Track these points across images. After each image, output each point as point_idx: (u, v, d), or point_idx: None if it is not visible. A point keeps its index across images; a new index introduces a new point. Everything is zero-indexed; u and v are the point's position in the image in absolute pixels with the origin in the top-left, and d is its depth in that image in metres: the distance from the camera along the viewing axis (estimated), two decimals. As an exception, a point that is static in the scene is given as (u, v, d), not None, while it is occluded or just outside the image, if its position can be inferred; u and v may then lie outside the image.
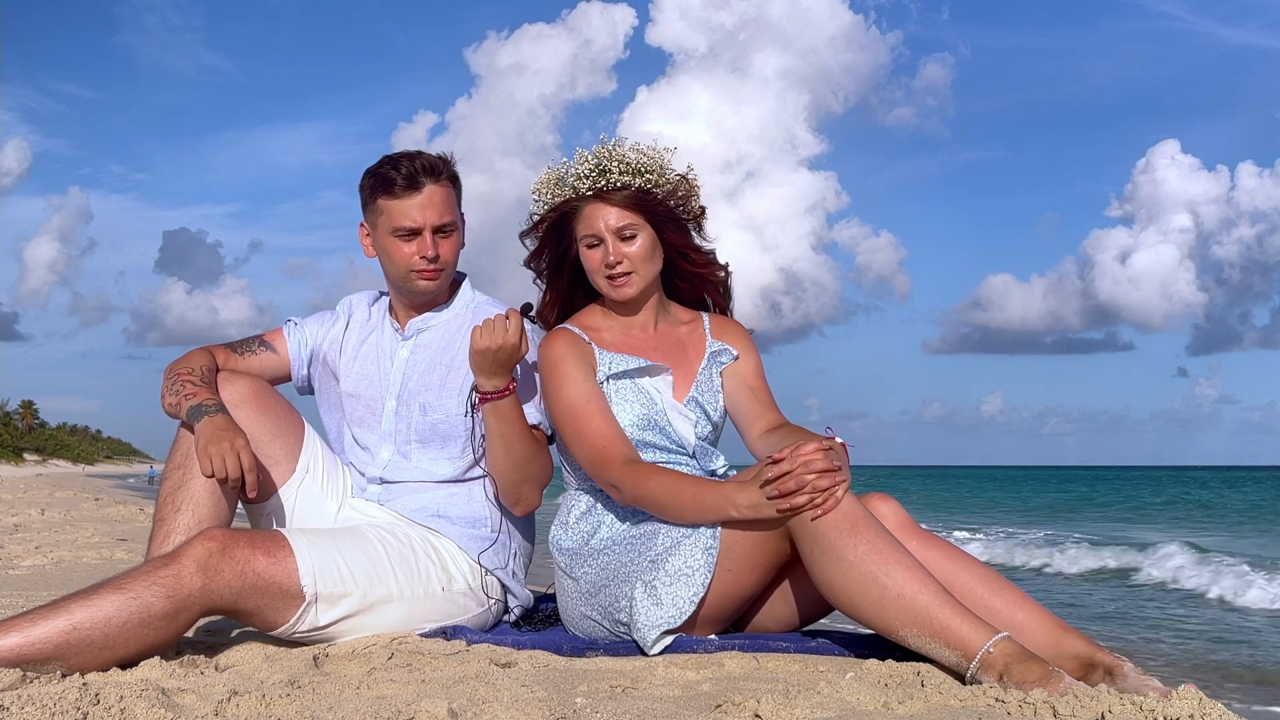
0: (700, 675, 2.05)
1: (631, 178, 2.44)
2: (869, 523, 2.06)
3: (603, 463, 2.33)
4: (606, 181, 2.44)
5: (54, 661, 1.95)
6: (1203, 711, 1.65)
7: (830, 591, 2.08)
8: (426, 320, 2.64)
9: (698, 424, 2.49)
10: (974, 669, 1.91)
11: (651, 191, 2.46)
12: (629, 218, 2.44)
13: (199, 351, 2.57)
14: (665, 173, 2.49)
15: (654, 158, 2.48)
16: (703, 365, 2.55)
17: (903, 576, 1.99)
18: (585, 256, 2.49)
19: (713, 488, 2.22)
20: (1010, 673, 1.86)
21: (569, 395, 2.39)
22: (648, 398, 2.46)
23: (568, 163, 2.50)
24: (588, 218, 2.46)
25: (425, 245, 2.50)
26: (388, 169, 2.51)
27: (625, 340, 2.53)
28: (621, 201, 2.44)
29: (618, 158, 2.45)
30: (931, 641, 1.96)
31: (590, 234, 2.46)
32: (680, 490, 2.24)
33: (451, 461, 2.55)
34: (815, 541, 2.06)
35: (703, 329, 2.62)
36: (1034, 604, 2.13)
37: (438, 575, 2.42)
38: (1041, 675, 1.83)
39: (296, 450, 2.53)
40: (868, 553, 2.02)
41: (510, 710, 1.69)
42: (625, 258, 2.44)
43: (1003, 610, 2.07)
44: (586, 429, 2.36)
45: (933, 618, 1.96)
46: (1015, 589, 2.16)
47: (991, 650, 1.90)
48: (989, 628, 1.94)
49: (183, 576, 2.08)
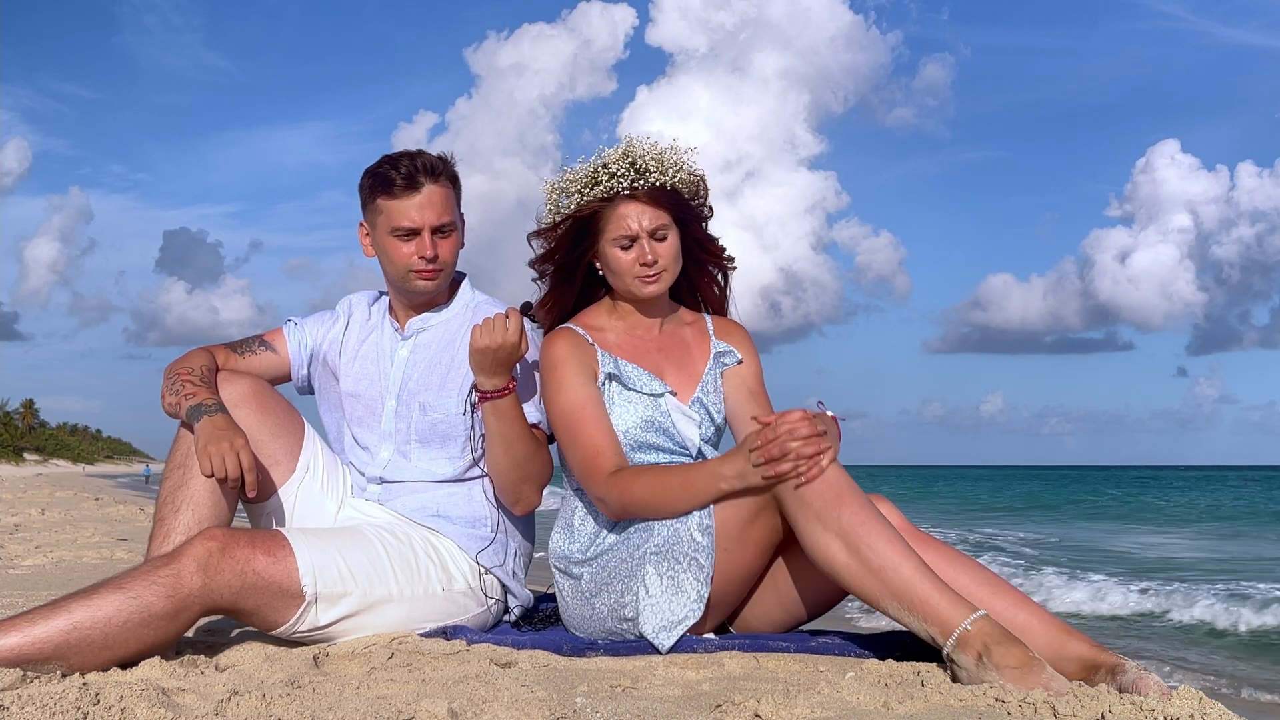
0: (700, 675, 2.05)
1: (665, 176, 2.44)
2: (855, 493, 2.08)
3: (590, 474, 2.34)
4: (643, 181, 2.42)
5: (54, 661, 1.95)
6: (1203, 711, 1.65)
7: (814, 558, 2.11)
8: (426, 320, 2.64)
9: (701, 425, 2.49)
10: (951, 645, 1.93)
11: (680, 190, 2.46)
12: (662, 217, 2.43)
13: (199, 351, 2.57)
14: (692, 171, 2.49)
15: (679, 158, 2.47)
16: (708, 366, 2.55)
17: (885, 549, 2.02)
18: (614, 257, 2.45)
19: (696, 469, 2.24)
20: (990, 653, 1.88)
21: (565, 400, 2.39)
22: (650, 400, 2.45)
23: (591, 160, 2.46)
24: (620, 217, 2.42)
25: (424, 245, 2.50)
26: (387, 169, 2.50)
27: (629, 341, 2.52)
28: (654, 200, 2.42)
29: (652, 155, 2.44)
30: (910, 615, 1.99)
31: (624, 233, 2.42)
32: (665, 483, 2.25)
33: (451, 461, 2.55)
34: (801, 509, 2.09)
35: (706, 329, 2.61)
36: (1035, 606, 2.13)
37: (438, 575, 2.42)
38: (1022, 660, 1.85)
39: (296, 450, 2.54)
40: (851, 522, 2.05)
41: (510, 710, 1.69)
42: (659, 256, 2.43)
43: (1004, 612, 2.07)
44: (578, 437, 2.37)
45: (913, 591, 1.99)
46: (1016, 591, 2.16)
47: (969, 628, 1.92)
48: (968, 605, 1.96)
49: (183, 576, 2.08)
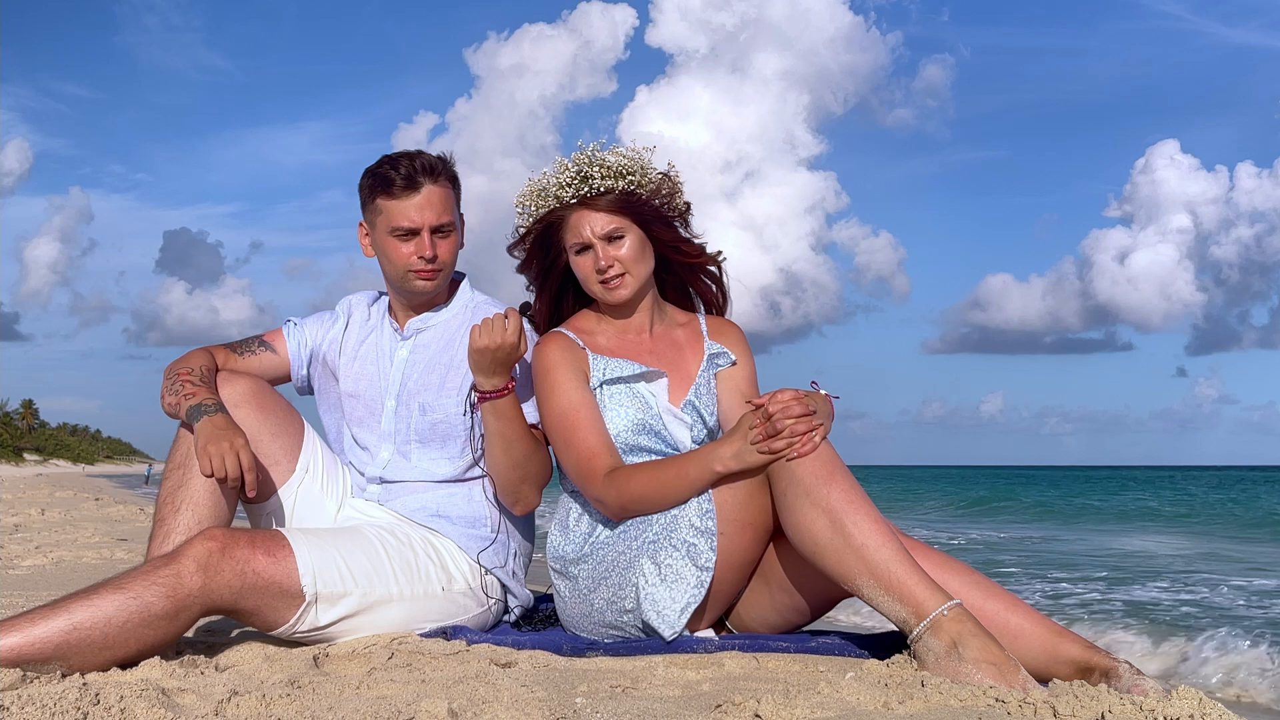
0: (700, 675, 2.05)
1: (614, 181, 2.45)
2: (844, 472, 2.12)
3: (587, 477, 2.35)
4: (589, 188, 2.44)
5: (54, 661, 1.95)
6: (1203, 711, 1.66)
7: (796, 535, 2.13)
8: (425, 320, 2.64)
9: (693, 428, 2.49)
10: (922, 628, 1.95)
11: (635, 193, 2.46)
12: (615, 221, 2.44)
13: (199, 352, 2.57)
14: (647, 172, 2.49)
15: (634, 159, 2.48)
16: (701, 368, 2.55)
17: (869, 528, 2.05)
18: (576, 264, 2.49)
19: (690, 457, 2.26)
20: (965, 645, 1.90)
21: (558, 404, 2.40)
22: (643, 402, 2.46)
23: (548, 173, 2.50)
24: (574, 225, 2.46)
25: (423, 245, 2.50)
26: (386, 169, 2.51)
27: (620, 344, 2.52)
28: (605, 206, 2.44)
29: (598, 163, 2.46)
30: (885, 595, 2.01)
31: (578, 241, 2.46)
32: (661, 476, 2.26)
33: (451, 461, 2.55)
34: (790, 484, 2.12)
35: (700, 330, 2.61)
36: (1028, 609, 2.14)
37: (438, 575, 2.42)
38: (998, 658, 1.89)
39: (296, 450, 2.54)
40: (839, 500, 2.08)
41: (510, 710, 1.70)
42: (616, 260, 2.45)
43: (996, 615, 2.08)
44: (573, 440, 2.38)
45: (891, 572, 2.01)
46: (1009, 594, 2.16)
47: (945, 613, 1.94)
48: (944, 593, 1.98)
49: (183, 576, 2.08)
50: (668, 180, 2.52)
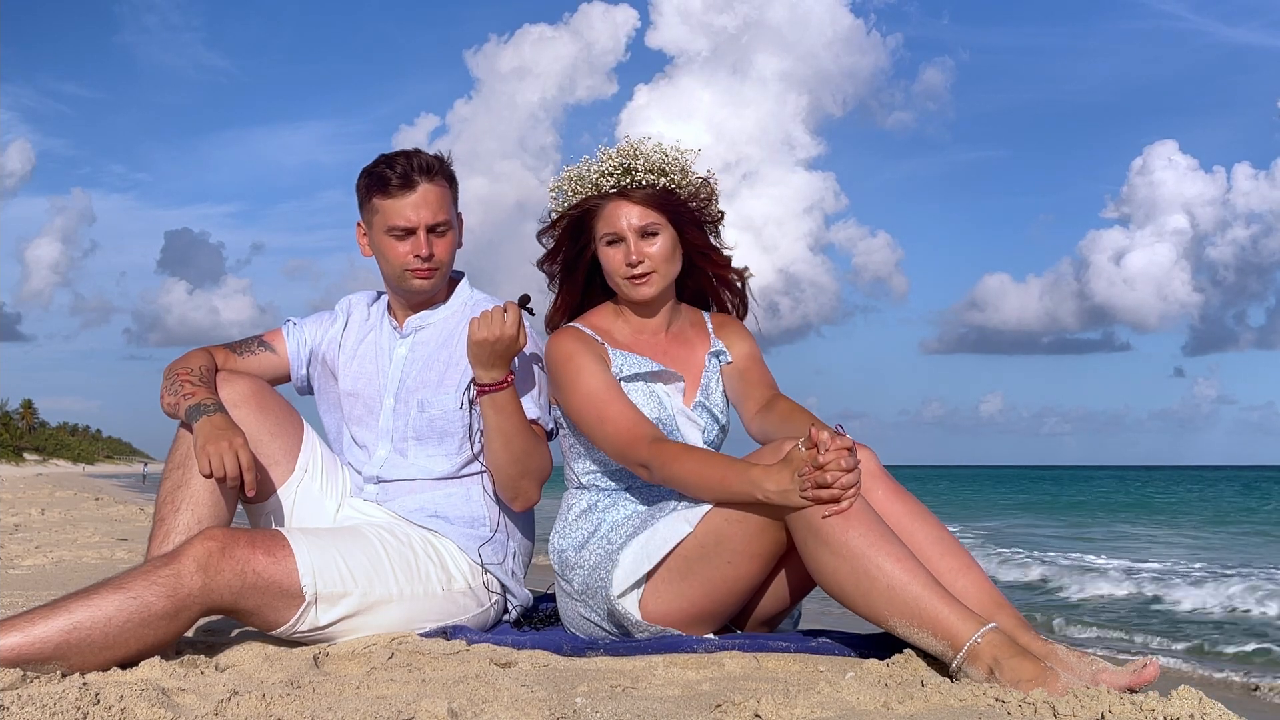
0: (700, 675, 2.05)
1: (656, 177, 2.43)
2: (865, 512, 2.07)
3: (630, 443, 2.31)
4: (631, 180, 2.42)
5: (54, 661, 1.95)
6: (1203, 711, 1.65)
7: (822, 579, 2.11)
8: (424, 318, 2.64)
9: (706, 429, 2.49)
10: (960, 659, 1.93)
11: (674, 192, 2.45)
12: (651, 216, 2.42)
13: (198, 352, 2.57)
14: (688, 174, 2.48)
15: (677, 158, 2.47)
16: (706, 368, 2.55)
17: (893, 567, 2.01)
18: (605, 255, 2.46)
19: (738, 473, 2.17)
20: (1001, 668, 1.87)
21: (587, 385, 2.37)
22: (658, 402, 2.45)
23: (590, 160, 2.48)
24: (609, 215, 2.43)
25: (419, 244, 2.50)
26: (383, 168, 2.50)
27: (636, 343, 2.51)
28: (644, 200, 2.42)
29: (643, 156, 2.44)
30: (920, 631, 1.99)
31: (611, 232, 2.43)
32: (707, 473, 2.20)
33: (448, 458, 2.55)
34: (810, 528, 2.08)
35: (706, 329, 2.61)
36: (979, 573, 2.15)
37: (437, 575, 2.42)
38: (1036, 673, 1.85)
39: (295, 450, 2.54)
40: (861, 543, 2.03)
41: (510, 710, 1.70)
42: (646, 257, 2.42)
43: (945, 574, 2.10)
44: (609, 414, 2.34)
45: (922, 608, 1.98)
46: (966, 555, 2.18)
47: (979, 641, 1.92)
48: (977, 618, 1.96)
49: (183, 576, 2.08)
50: (706, 185, 2.51)
